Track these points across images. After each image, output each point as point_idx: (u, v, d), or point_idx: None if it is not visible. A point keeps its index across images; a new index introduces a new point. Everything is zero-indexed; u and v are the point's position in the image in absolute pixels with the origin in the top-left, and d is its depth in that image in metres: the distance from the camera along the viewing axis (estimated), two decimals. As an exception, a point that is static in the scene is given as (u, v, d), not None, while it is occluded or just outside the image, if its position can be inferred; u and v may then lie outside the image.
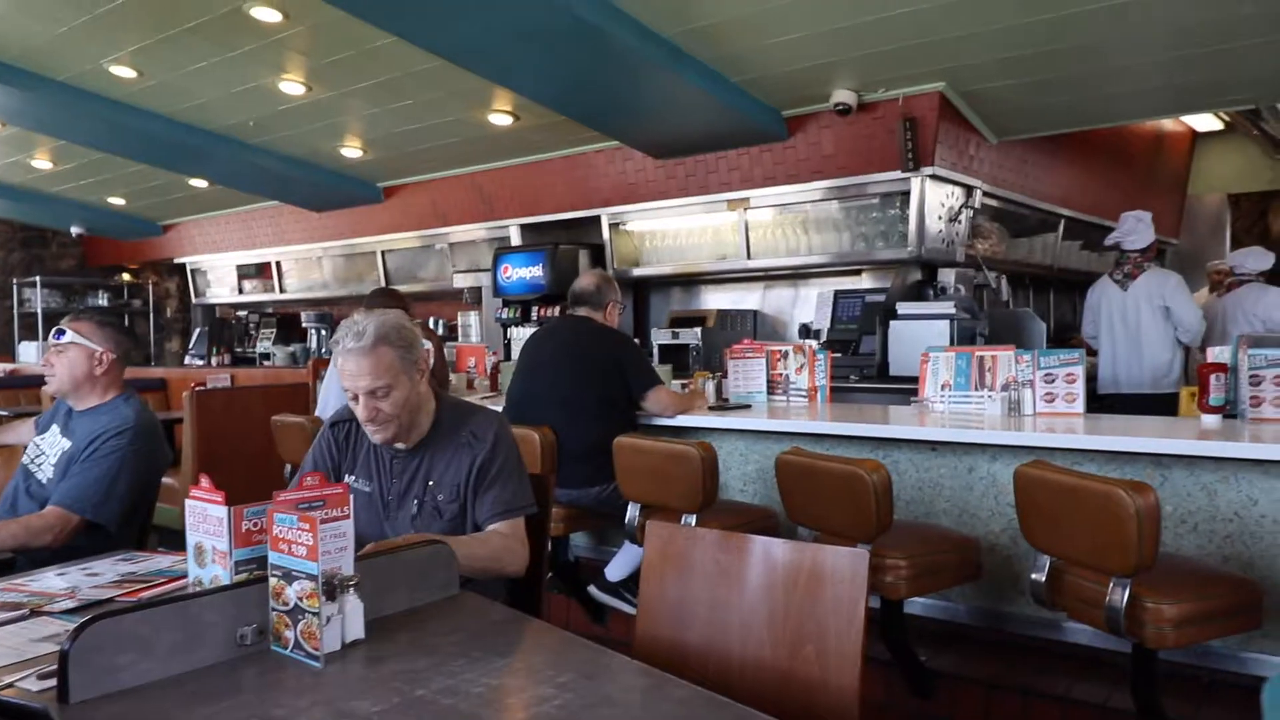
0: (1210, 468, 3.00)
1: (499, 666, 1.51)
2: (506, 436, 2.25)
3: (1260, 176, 9.52)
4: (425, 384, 2.22)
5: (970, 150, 5.65)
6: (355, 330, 2.12)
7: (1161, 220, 8.97)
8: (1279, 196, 10.16)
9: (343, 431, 2.33)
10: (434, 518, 2.19)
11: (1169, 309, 5.07)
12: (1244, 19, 4.17)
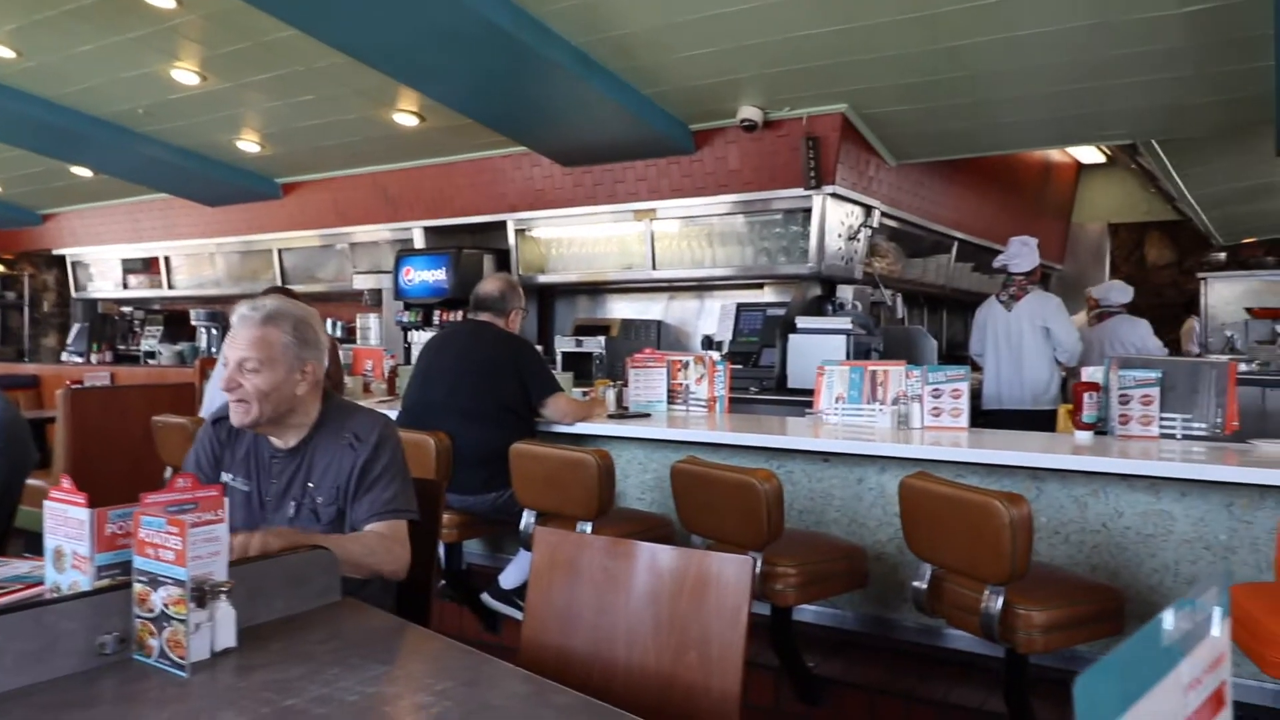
0: (1082, 481, 3.15)
1: (377, 674, 1.48)
2: (391, 439, 2.19)
3: (1137, 208, 10.09)
4: (308, 389, 2.13)
5: (870, 171, 5.82)
6: (256, 304, 2.10)
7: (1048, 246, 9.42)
8: (1154, 227, 10.80)
9: (224, 428, 2.24)
10: (311, 520, 2.12)
11: (1049, 330, 5.30)
12: (1121, 59, 4.42)
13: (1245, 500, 2.91)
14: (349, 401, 2.36)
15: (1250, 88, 4.52)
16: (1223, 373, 3.32)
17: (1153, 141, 6.32)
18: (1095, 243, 10.66)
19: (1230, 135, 5.94)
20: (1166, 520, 3.03)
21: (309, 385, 2.13)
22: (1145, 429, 3.35)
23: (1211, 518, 2.97)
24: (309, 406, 2.17)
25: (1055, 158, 9.14)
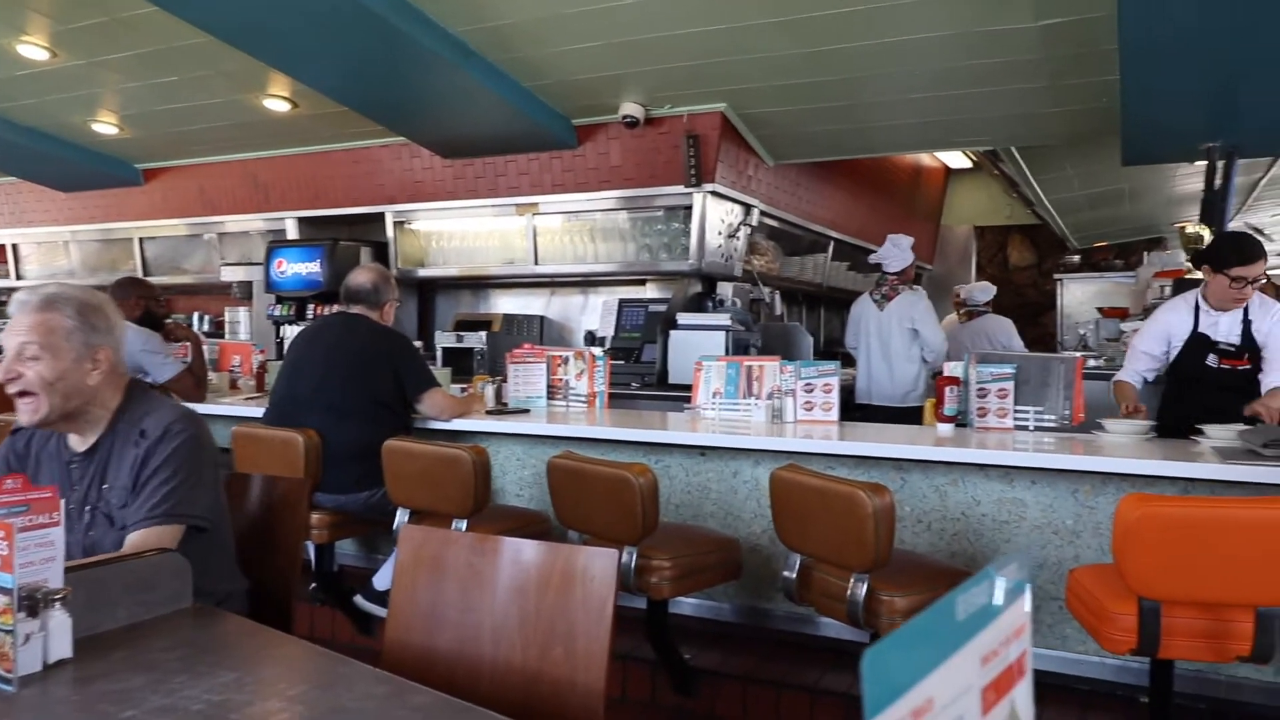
0: (943, 471, 3.29)
1: (225, 681, 1.41)
2: (179, 433, 1.96)
3: (1000, 212, 10.62)
4: (102, 379, 1.95)
5: (749, 171, 5.93)
6: (34, 289, 1.93)
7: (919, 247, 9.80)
8: (1016, 231, 11.37)
9: (23, 438, 2.07)
10: (106, 528, 1.94)
11: (917, 331, 5.51)
12: (982, 69, 4.63)
13: (1089, 487, 3.10)
14: (156, 394, 2.14)
15: (1099, 100, 4.81)
16: (1070, 367, 3.52)
17: (1012, 149, 6.65)
18: (962, 244, 11.16)
19: (1082, 144, 6.30)
20: (1019, 507, 3.20)
21: (103, 374, 1.95)
22: (1001, 421, 3.52)
23: (1059, 504, 3.15)
24: (106, 398, 1.99)
25: (925, 162, 9.52)
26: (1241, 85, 4.24)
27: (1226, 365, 3.48)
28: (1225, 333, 3.52)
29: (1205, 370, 3.52)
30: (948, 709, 0.46)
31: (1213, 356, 3.50)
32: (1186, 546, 2.17)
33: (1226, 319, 3.53)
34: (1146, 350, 3.70)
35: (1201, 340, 3.55)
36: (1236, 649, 2.25)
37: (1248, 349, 3.49)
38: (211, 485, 2.02)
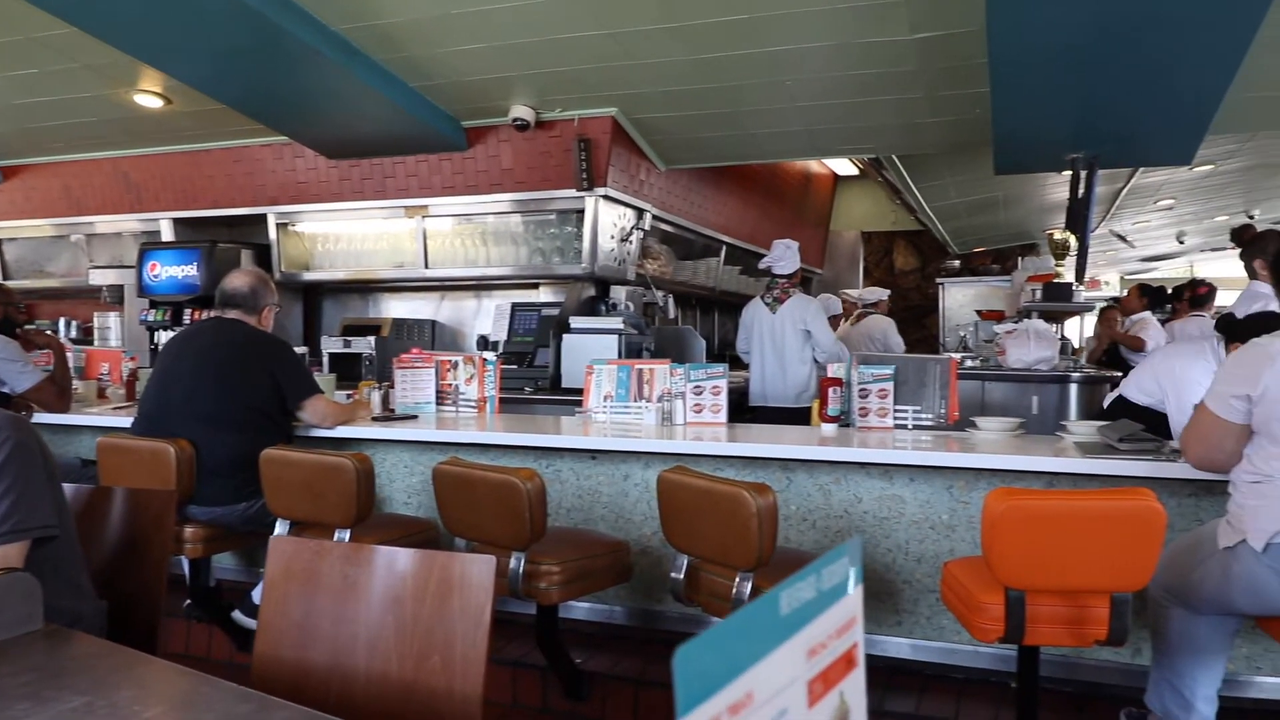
0: (826, 470, 3.37)
1: (74, 706, 1.33)
2: (8, 441, 1.81)
3: (885, 218, 10.97)
4: None
5: (641, 175, 5.97)
6: None
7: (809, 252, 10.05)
8: (901, 236, 11.77)
9: None
10: None
11: (809, 332, 5.65)
12: (862, 79, 4.77)
13: (963, 483, 3.22)
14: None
15: (973, 111, 5.01)
16: (945, 368, 3.66)
17: (894, 157, 6.88)
18: (850, 249, 11.49)
19: (959, 154, 6.56)
20: (899, 504, 3.30)
21: None
22: (882, 420, 3.63)
23: (936, 499, 3.27)
24: None
25: (814, 169, 9.76)
26: (1100, 101, 4.49)
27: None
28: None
29: None
30: (770, 703, 0.47)
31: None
32: (1047, 538, 2.28)
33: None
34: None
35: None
36: (1094, 634, 2.38)
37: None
38: (48, 490, 1.88)
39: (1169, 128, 4.81)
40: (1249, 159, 8.40)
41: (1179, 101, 4.43)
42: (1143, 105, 4.51)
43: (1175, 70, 4.07)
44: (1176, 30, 3.71)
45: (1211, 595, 2.46)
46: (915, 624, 3.31)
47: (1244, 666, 3.02)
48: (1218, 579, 2.43)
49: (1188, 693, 2.63)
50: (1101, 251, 15.68)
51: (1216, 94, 4.27)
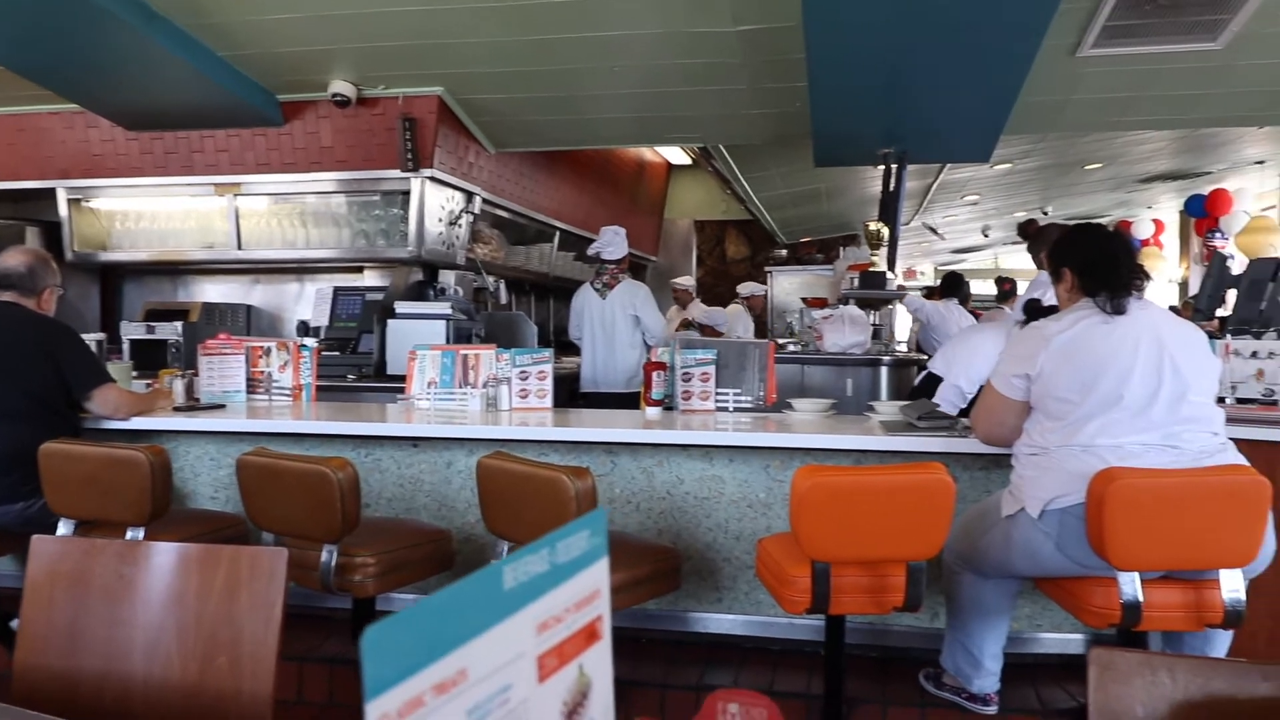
0: (649, 453, 3.42)
1: None
2: None
3: (717, 207, 11.23)
4: None
5: (470, 157, 5.85)
6: None
7: (643, 239, 10.17)
8: (732, 225, 12.09)
9: None
10: None
11: (638, 317, 5.71)
12: (688, 68, 4.85)
13: (778, 462, 3.34)
14: None
15: (794, 104, 5.19)
16: (764, 352, 3.78)
17: (721, 147, 7.04)
18: (684, 237, 11.71)
19: (783, 145, 6.78)
20: (719, 484, 3.39)
21: None
22: (704, 403, 3.71)
23: (753, 479, 3.37)
24: None
25: (648, 157, 9.87)
26: (909, 100, 4.75)
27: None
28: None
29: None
30: (489, 679, 0.46)
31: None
32: (849, 511, 2.39)
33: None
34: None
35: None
36: (893, 600, 2.52)
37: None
38: None
39: (969, 127, 5.15)
40: (1042, 159, 9.12)
41: (976, 104, 4.74)
42: (945, 106, 4.81)
43: (972, 75, 4.35)
44: (972, 37, 3.97)
45: (996, 560, 2.65)
46: (735, 600, 3.41)
47: (1027, 625, 3.28)
48: (1001, 545, 2.61)
49: (977, 651, 2.83)
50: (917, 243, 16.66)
51: (1008, 98, 4.60)
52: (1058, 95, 5.04)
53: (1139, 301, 2.56)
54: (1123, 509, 2.28)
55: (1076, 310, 2.59)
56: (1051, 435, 2.53)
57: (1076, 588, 2.50)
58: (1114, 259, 2.59)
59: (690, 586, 3.39)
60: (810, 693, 3.04)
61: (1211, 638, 2.61)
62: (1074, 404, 2.48)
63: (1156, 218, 14.69)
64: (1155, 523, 2.29)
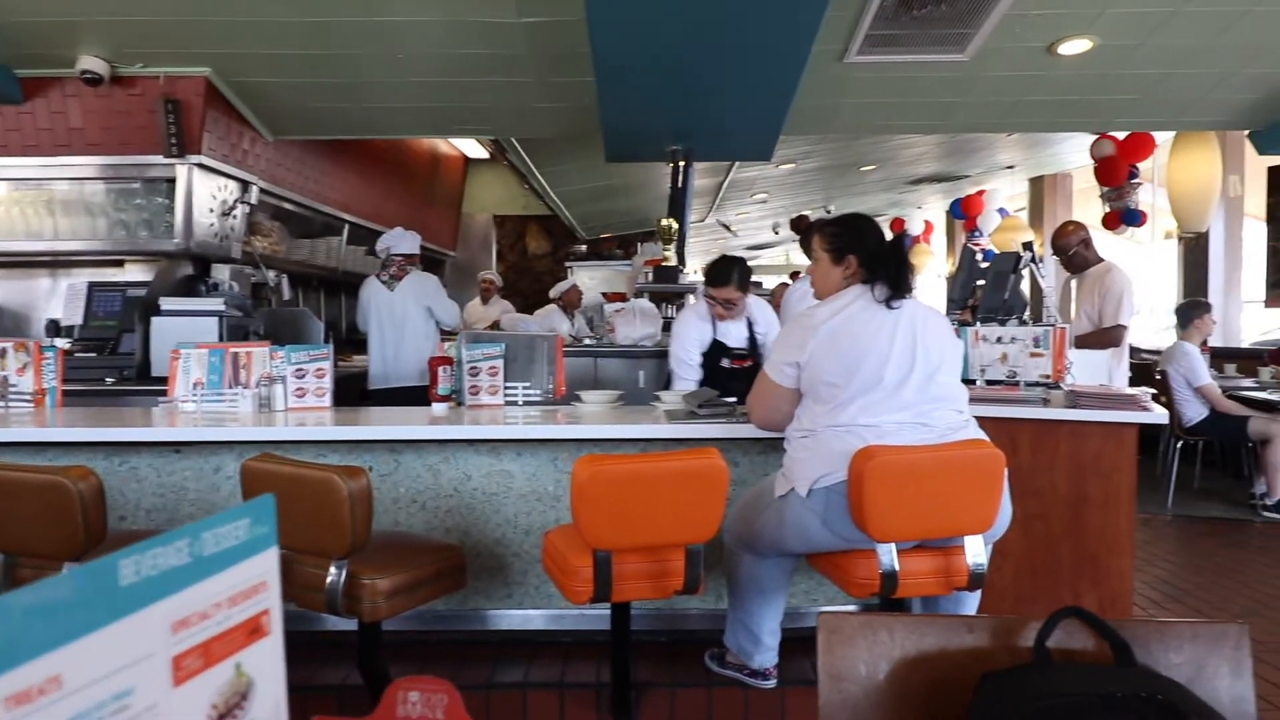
0: (435, 450, 3.34)
1: None
2: None
3: (516, 202, 11.16)
4: None
5: (244, 144, 5.50)
6: None
7: (440, 234, 9.95)
8: (533, 220, 12.05)
9: None
10: None
11: (430, 309, 5.57)
12: (475, 58, 4.77)
13: (566, 454, 3.35)
14: None
15: (582, 99, 5.22)
16: (553, 345, 3.78)
17: (514, 141, 6.99)
18: (483, 232, 11.55)
19: (576, 141, 6.82)
20: (507, 478, 3.35)
21: None
22: (493, 398, 3.66)
23: (542, 472, 3.36)
24: None
25: (443, 149, 9.66)
26: (694, 99, 4.88)
27: (736, 365, 4.06)
28: (735, 339, 4.12)
29: (721, 371, 4.08)
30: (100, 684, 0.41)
31: (726, 360, 4.07)
32: (628, 499, 2.42)
33: (734, 327, 4.17)
34: (688, 359, 4.16)
35: (719, 346, 4.11)
36: (673, 584, 2.57)
37: (751, 352, 4.12)
38: None
39: (750, 127, 5.36)
40: (823, 160, 9.65)
41: (756, 104, 4.94)
42: (728, 106, 4.98)
43: (750, 76, 4.52)
44: (748, 40, 4.12)
45: (770, 539, 2.77)
46: (525, 594, 3.39)
47: (803, 600, 3.45)
48: (774, 524, 2.73)
49: (756, 628, 2.95)
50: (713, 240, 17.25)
51: (785, 99, 4.82)
52: (830, 99, 5.34)
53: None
54: (879, 484, 2.44)
55: (843, 297, 2.73)
56: (819, 418, 2.66)
57: (843, 561, 2.65)
58: (900, 256, 2.75)
59: (479, 584, 3.34)
60: (600, 681, 3.06)
61: (961, 600, 2.82)
62: (840, 387, 2.62)
63: (926, 218, 15.92)
64: (907, 496, 2.46)
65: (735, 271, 4.02)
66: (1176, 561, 4.88)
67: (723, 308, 4.04)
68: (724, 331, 4.16)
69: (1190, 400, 6.08)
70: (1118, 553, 3.50)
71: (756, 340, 4.18)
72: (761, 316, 4.21)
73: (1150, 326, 11.66)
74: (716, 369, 4.13)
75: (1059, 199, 11.71)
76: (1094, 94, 5.32)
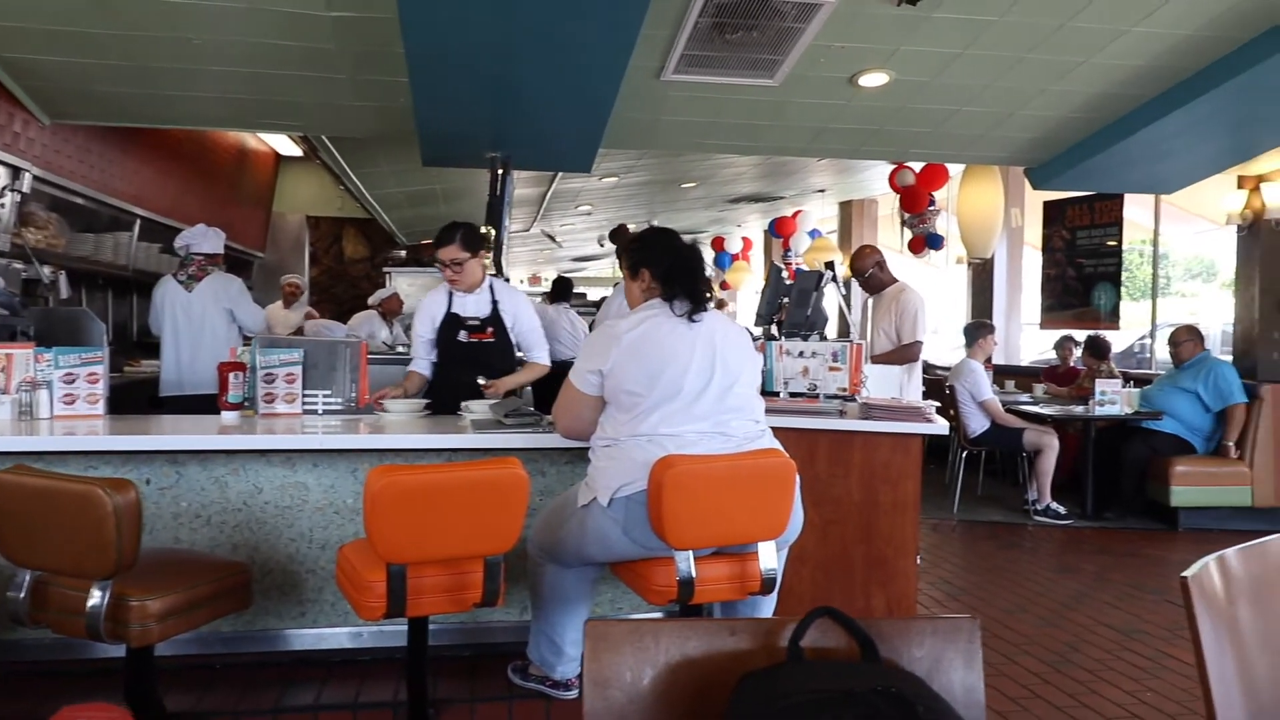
0: (223, 461, 3.13)
1: None
2: None
3: (332, 204, 10.74)
4: None
5: (15, 126, 5.01)
6: None
7: (247, 233, 9.43)
8: (350, 223, 11.62)
9: None
10: None
11: (233, 312, 5.26)
12: (280, 50, 4.53)
13: (367, 465, 3.23)
14: None
15: (397, 99, 5.07)
16: (356, 352, 3.64)
17: (325, 140, 6.71)
18: (296, 233, 11.04)
19: (393, 143, 6.62)
20: (302, 491, 3.19)
21: None
22: (290, 406, 3.49)
23: (340, 484, 3.22)
24: None
25: (252, 144, 9.16)
26: (512, 105, 4.84)
27: (475, 339, 3.91)
28: (473, 310, 3.97)
29: (457, 345, 3.92)
30: None
31: (463, 332, 3.91)
32: (424, 510, 2.35)
33: (473, 299, 3.97)
34: (423, 335, 3.98)
35: (454, 318, 3.94)
36: (471, 597, 2.52)
37: (493, 324, 3.96)
38: None
39: (570, 138, 5.37)
40: (645, 174, 9.83)
41: (574, 115, 4.95)
42: (546, 115, 4.97)
43: (568, 87, 4.53)
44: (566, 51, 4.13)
45: (573, 549, 2.77)
46: (321, 613, 3.24)
47: (609, 609, 3.47)
48: (577, 534, 2.73)
49: (559, 639, 2.94)
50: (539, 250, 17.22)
51: (603, 112, 4.86)
52: (648, 114, 5.43)
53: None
54: (677, 493, 2.48)
55: (646, 309, 2.77)
56: (622, 427, 2.69)
57: (643, 569, 2.68)
58: (694, 272, 2.81)
59: (270, 603, 3.16)
60: (398, 700, 2.96)
61: (758, 604, 2.91)
62: (641, 396, 2.65)
63: (746, 235, 16.51)
64: (704, 504, 2.52)
65: (459, 231, 3.87)
66: (958, 563, 5.25)
67: (452, 270, 3.85)
68: (460, 304, 3.96)
69: (975, 413, 6.57)
70: (905, 555, 3.72)
71: (502, 318, 3.99)
72: (509, 300, 4.03)
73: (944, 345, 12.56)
74: (453, 343, 3.93)
75: (865, 223, 12.43)
76: (892, 125, 5.67)
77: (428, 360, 3.98)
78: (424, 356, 3.97)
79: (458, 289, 3.93)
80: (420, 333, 3.96)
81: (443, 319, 3.93)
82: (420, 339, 3.97)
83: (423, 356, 3.97)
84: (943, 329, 13.20)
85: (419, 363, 3.99)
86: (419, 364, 3.99)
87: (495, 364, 3.87)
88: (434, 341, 3.95)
